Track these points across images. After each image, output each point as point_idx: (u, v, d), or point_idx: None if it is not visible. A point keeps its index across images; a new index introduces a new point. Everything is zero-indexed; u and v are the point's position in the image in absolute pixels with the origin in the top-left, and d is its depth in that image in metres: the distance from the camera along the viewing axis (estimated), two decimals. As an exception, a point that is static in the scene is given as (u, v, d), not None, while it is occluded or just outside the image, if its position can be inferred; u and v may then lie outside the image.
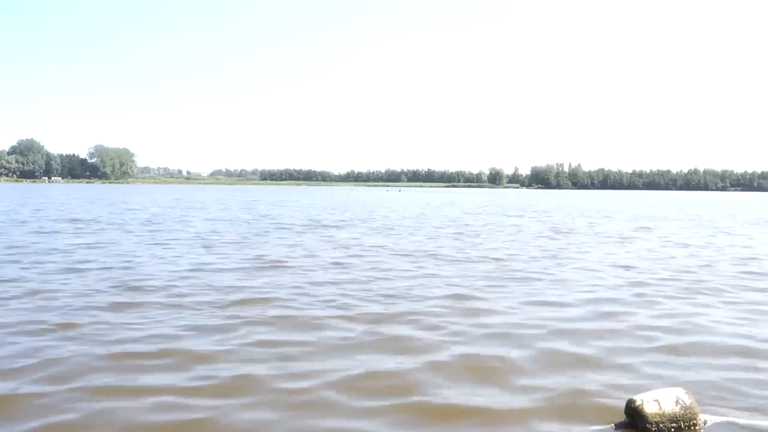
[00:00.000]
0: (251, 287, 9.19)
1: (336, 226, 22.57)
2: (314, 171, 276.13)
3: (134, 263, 11.60)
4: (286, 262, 12.12)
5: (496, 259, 13.29)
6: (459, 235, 19.65)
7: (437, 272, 11.02)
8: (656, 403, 4.15)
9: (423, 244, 16.44)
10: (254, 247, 14.76)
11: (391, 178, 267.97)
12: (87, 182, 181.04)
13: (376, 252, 14.20)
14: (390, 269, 11.38)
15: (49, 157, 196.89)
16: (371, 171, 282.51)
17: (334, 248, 14.85)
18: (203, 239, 16.57)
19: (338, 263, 12.11)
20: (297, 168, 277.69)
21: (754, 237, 20.59)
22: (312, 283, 9.62)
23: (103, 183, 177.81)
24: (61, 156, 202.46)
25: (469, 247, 15.78)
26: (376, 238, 17.74)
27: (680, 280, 10.60)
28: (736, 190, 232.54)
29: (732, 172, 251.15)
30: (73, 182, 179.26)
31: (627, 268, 12.09)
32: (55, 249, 13.65)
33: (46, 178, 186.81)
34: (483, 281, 10.12)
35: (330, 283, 9.72)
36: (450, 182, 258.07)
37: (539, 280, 10.35)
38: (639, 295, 9.12)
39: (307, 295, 8.68)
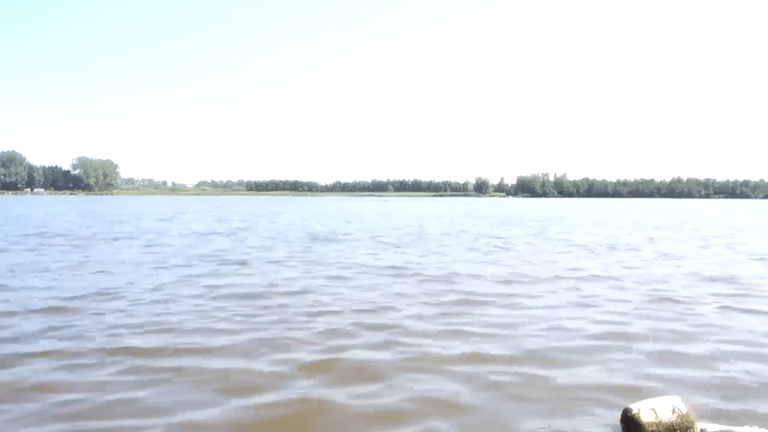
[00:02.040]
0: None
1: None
2: (300, 181, 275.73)
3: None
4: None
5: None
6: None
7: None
8: (653, 411, 4.03)
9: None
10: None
11: (378, 187, 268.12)
12: (70, 194, 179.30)
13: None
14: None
15: (31, 168, 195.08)
16: (357, 181, 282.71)
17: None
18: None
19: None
20: (283, 179, 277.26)
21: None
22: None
23: (86, 194, 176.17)
24: (43, 168, 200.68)
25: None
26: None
27: None
28: (719, 197, 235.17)
29: (715, 180, 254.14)
30: (56, 194, 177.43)
31: None
32: None
33: (29, 189, 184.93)
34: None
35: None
36: (437, 192, 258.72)
37: None
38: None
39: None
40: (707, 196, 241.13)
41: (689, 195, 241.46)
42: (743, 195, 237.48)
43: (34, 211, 42.52)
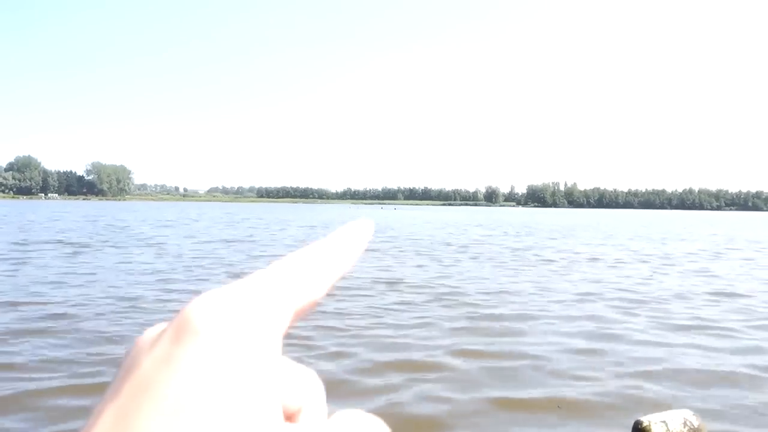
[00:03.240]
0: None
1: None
2: (311, 189, 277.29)
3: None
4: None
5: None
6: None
7: None
8: (664, 424, 4.16)
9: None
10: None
11: (388, 195, 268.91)
12: (84, 199, 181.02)
13: None
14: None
15: (45, 173, 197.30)
16: (368, 189, 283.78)
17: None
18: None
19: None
20: (294, 185, 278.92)
21: None
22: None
23: (99, 200, 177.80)
24: (58, 173, 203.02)
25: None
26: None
27: None
28: (730, 209, 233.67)
29: (726, 191, 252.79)
30: (69, 199, 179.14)
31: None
32: None
33: (43, 194, 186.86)
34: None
35: None
36: (446, 200, 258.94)
37: None
38: None
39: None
40: (719, 207, 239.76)
41: (700, 206, 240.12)
42: (755, 207, 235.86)
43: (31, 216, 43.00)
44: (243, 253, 17.33)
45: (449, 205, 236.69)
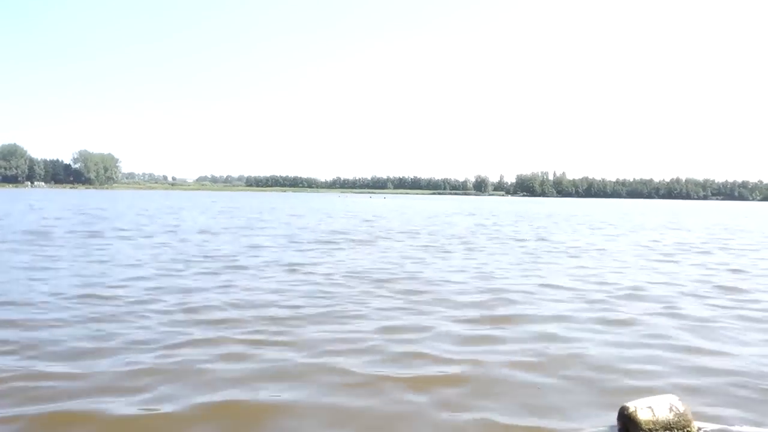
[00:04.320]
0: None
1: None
2: (300, 177, 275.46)
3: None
4: None
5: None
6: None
7: None
8: (650, 410, 4.18)
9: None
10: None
11: (378, 184, 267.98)
12: (71, 187, 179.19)
13: None
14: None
15: (32, 162, 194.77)
16: (357, 178, 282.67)
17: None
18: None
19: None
20: (283, 174, 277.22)
21: None
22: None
23: (86, 188, 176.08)
24: (44, 161, 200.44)
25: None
26: None
27: None
28: (717, 199, 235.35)
29: (713, 181, 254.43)
30: (56, 187, 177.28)
31: None
32: None
33: (29, 183, 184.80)
34: None
35: None
36: (436, 189, 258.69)
37: None
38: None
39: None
40: (705, 197, 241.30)
41: (687, 196, 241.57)
42: (741, 196, 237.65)
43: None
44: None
45: (439, 194, 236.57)
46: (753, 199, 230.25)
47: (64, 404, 4.62)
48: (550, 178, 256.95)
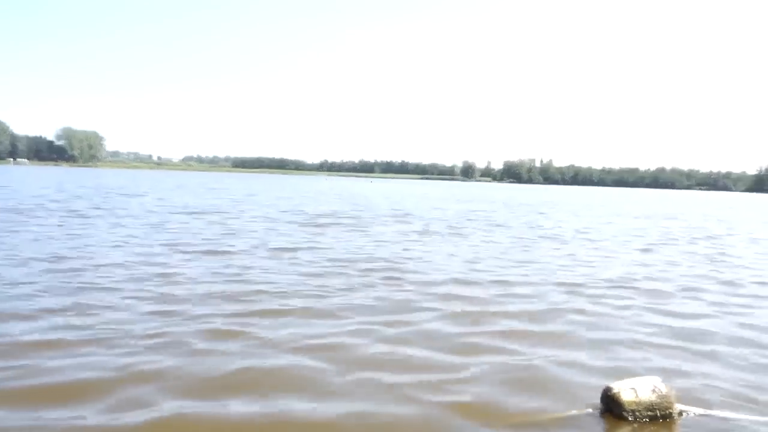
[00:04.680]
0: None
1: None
2: (287, 159, 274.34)
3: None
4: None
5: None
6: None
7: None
8: (633, 391, 4.21)
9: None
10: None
11: (365, 168, 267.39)
12: (54, 165, 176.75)
13: None
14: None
15: (14, 138, 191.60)
16: (344, 161, 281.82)
17: None
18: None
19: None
20: (270, 156, 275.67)
21: None
22: None
23: (70, 166, 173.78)
24: (27, 137, 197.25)
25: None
26: None
27: None
28: (701, 189, 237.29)
29: (698, 171, 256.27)
30: (39, 165, 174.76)
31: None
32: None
33: (12, 159, 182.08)
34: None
35: None
36: (423, 174, 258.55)
37: None
38: None
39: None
40: (689, 187, 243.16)
41: (672, 185, 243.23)
42: (725, 187, 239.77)
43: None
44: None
45: (426, 179, 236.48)
46: (736, 190, 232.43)
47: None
48: (537, 165, 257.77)
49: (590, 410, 4.35)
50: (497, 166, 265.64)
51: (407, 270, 9.95)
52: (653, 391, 4.23)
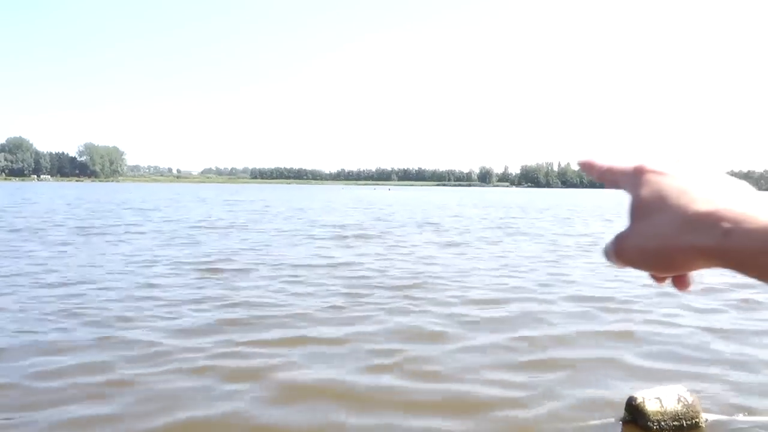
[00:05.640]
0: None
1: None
2: (305, 169, 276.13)
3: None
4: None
5: None
6: None
7: None
8: (658, 401, 4.11)
9: None
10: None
11: (382, 176, 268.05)
12: (77, 180, 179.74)
13: None
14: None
15: (38, 155, 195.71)
16: (362, 170, 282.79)
17: None
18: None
19: None
20: (288, 166, 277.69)
21: None
22: None
23: (92, 181, 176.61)
24: (50, 154, 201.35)
25: None
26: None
27: None
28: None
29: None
30: (62, 180, 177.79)
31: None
32: None
33: (36, 176, 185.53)
34: None
35: None
36: (440, 181, 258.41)
37: None
38: None
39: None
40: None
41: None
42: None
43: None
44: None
45: (443, 185, 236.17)
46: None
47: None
48: (555, 168, 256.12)
49: (613, 420, 4.27)
50: (514, 170, 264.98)
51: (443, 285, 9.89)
52: (678, 400, 4.13)
